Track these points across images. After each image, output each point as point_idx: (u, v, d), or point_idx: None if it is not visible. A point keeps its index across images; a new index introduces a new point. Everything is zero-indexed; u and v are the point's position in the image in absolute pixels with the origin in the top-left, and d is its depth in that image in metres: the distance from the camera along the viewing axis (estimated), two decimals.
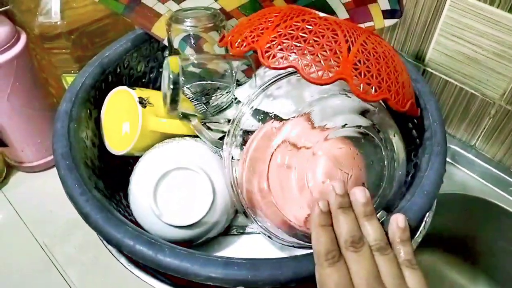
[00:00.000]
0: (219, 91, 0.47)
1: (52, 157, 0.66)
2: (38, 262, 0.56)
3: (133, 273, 0.41)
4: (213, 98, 0.48)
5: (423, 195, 0.36)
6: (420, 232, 0.44)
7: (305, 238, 0.39)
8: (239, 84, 0.49)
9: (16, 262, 0.57)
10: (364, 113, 0.38)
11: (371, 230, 0.31)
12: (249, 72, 0.50)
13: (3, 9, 0.57)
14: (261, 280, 0.31)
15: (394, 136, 0.37)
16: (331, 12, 0.46)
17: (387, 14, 0.45)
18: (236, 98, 0.46)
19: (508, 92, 0.55)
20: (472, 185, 0.61)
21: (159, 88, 0.56)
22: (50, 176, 0.67)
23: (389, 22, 0.46)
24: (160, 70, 0.54)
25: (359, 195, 0.32)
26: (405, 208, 0.35)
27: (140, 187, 0.40)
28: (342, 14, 0.47)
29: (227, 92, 0.47)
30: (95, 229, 0.34)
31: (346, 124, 0.36)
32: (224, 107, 0.47)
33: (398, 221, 0.32)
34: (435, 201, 0.45)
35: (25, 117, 0.62)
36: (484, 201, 0.59)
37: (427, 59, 0.61)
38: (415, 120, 0.43)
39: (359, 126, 0.36)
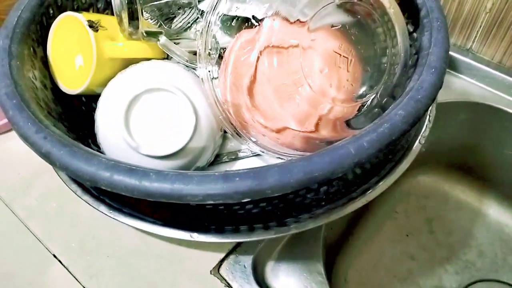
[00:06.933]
0: (180, 10, 0.42)
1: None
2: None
3: (117, 219, 0.36)
4: (175, 19, 0.42)
5: (432, 72, 0.32)
6: (426, 126, 0.40)
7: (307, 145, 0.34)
8: None
9: None
10: None
11: None
12: None
13: None
14: (269, 188, 0.27)
15: (390, 7, 0.33)
16: None
17: None
18: (201, 11, 0.40)
19: None
20: (472, 91, 0.56)
21: None
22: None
23: None
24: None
25: None
26: (415, 89, 0.31)
27: (107, 120, 0.34)
28: None
29: (189, 9, 0.41)
30: (62, 167, 0.28)
31: (324, 7, 0.31)
32: (189, 25, 0.42)
33: None
34: (433, 108, 0.41)
35: None
36: (486, 107, 0.55)
37: None
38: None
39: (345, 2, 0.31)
